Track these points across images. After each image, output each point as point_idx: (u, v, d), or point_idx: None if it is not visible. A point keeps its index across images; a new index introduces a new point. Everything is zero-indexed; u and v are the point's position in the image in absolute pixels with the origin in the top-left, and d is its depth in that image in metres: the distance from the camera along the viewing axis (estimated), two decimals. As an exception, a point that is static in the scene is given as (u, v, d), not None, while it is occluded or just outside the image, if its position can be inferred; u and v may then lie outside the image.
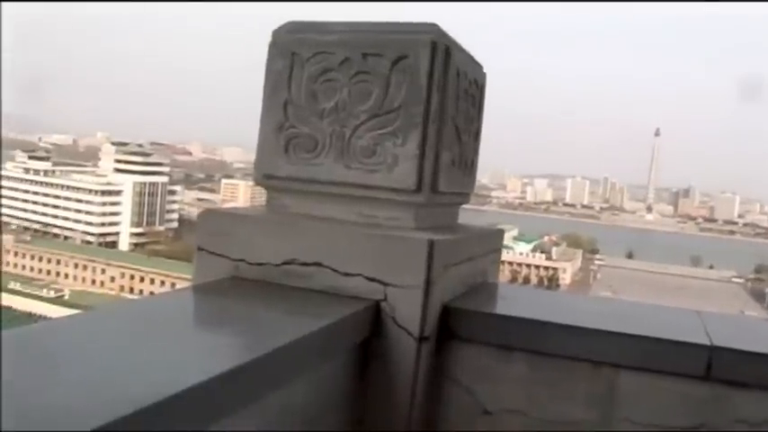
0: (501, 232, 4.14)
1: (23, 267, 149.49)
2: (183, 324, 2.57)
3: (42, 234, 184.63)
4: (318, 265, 2.97)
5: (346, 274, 2.93)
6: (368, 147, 3.12)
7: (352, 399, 2.86)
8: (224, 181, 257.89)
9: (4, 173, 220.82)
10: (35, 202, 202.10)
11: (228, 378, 1.92)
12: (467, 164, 3.58)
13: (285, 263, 3.00)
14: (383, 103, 3.11)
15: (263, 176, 3.32)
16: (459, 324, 3.06)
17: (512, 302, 3.58)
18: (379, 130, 3.11)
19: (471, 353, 3.09)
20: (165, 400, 1.67)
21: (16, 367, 1.80)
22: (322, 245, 2.98)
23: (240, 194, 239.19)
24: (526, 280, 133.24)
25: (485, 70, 3.73)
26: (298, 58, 3.23)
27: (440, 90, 3.11)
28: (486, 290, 3.61)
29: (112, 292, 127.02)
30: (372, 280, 2.89)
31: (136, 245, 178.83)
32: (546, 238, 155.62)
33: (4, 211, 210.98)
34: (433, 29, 3.13)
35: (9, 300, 21.69)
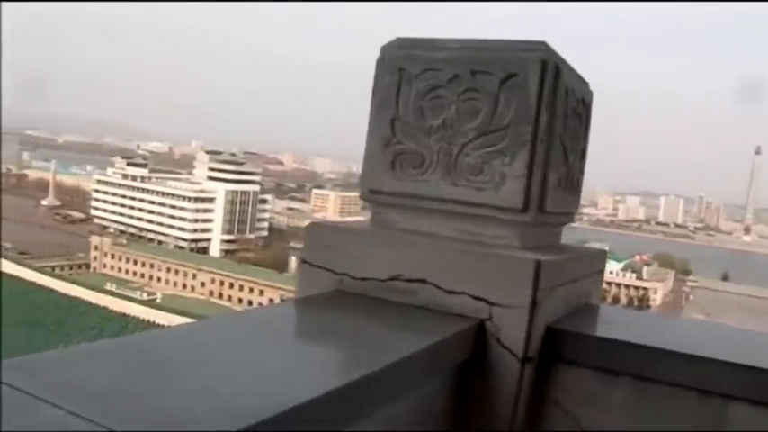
0: (603, 253, 4.07)
1: (119, 270, 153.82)
2: (291, 336, 2.61)
3: (138, 238, 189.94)
4: (423, 281, 2.97)
5: (451, 292, 2.92)
6: (475, 165, 3.12)
7: (453, 418, 2.85)
8: (314, 191, 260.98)
9: (105, 178, 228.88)
10: (132, 207, 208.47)
11: (343, 393, 1.94)
12: (572, 184, 3.54)
13: (390, 278, 3.01)
14: (491, 121, 3.09)
15: (369, 191, 3.34)
16: (563, 346, 3.02)
17: (616, 325, 3.52)
18: (486, 148, 3.10)
19: (574, 376, 3.04)
20: (283, 413, 1.70)
21: (132, 374, 1.86)
22: (427, 261, 2.98)
23: (330, 205, 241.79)
24: (615, 299, 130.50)
25: (591, 88, 3.68)
26: (406, 74, 3.25)
27: (548, 109, 3.08)
28: (589, 312, 3.55)
29: (202, 297, 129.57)
30: (477, 299, 2.88)
31: (226, 251, 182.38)
32: (637, 258, 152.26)
33: (104, 215, 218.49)
34: (542, 47, 3.11)
35: (105, 300, 22.63)
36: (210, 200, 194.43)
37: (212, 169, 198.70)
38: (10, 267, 25.97)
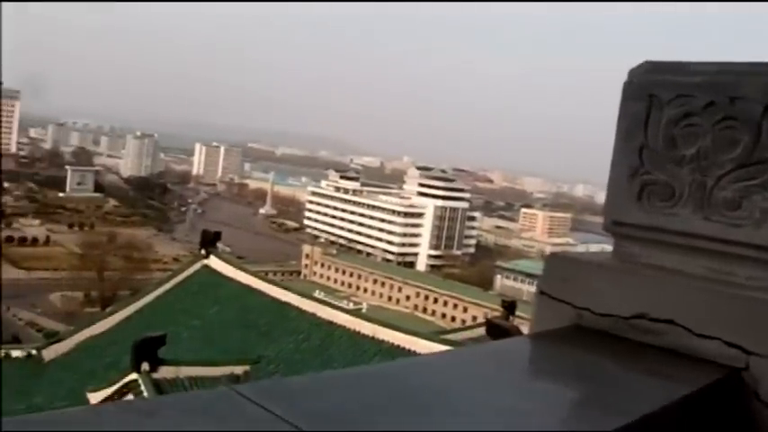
0: None
1: (328, 278, 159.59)
2: (532, 373, 2.51)
3: (347, 249, 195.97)
4: (671, 322, 2.78)
5: (702, 336, 2.71)
6: (732, 199, 2.88)
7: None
8: (523, 210, 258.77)
9: (318, 190, 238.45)
10: (343, 219, 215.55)
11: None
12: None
13: (634, 316, 2.84)
14: (753, 152, 2.84)
15: (613, 223, 3.18)
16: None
17: None
18: (746, 181, 2.86)
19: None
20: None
21: (387, 402, 1.83)
22: (676, 301, 2.79)
23: (538, 225, 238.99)
24: None
25: None
26: (656, 100, 3.06)
27: (821, 140, 2.80)
28: None
29: (406, 310, 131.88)
30: (732, 345, 2.65)
31: (432, 266, 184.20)
32: None
33: (316, 225, 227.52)
34: (810, 70, 2.84)
35: (313, 307, 23.48)
36: (419, 215, 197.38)
37: (422, 185, 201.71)
38: (228, 270, 27.47)
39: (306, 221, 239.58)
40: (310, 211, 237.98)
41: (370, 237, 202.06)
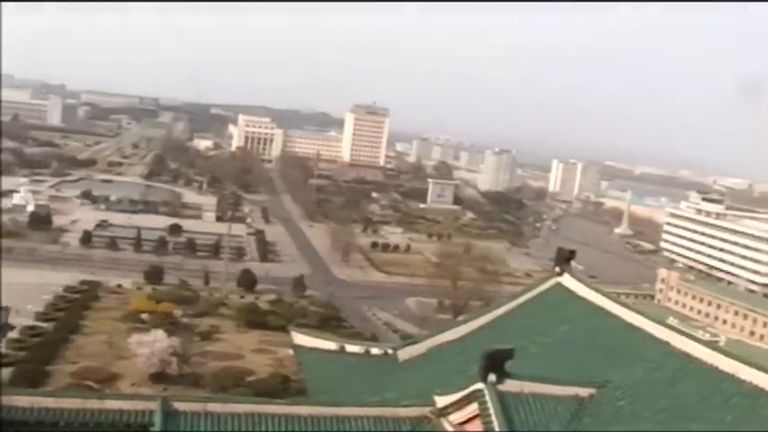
0: None
1: (683, 305, 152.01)
2: None
3: (706, 276, 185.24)
4: None
5: None
6: None
7: None
8: None
9: (677, 212, 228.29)
10: (702, 243, 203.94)
11: None
12: None
13: None
14: None
15: None
16: None
17: None
18: None
19: None
20: None
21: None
22: None
23: None
24: None
25: None
26: None
27: None
28: None
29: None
30: None
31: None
32: None
33: (674, 248, 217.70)
34: None
35: (668, 335, 22.03)
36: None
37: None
38: (581, 289, 27.07)
39: (663, 244, 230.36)
40: (668, 233, 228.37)
41: (732, 264, 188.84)
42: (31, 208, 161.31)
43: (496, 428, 17.88)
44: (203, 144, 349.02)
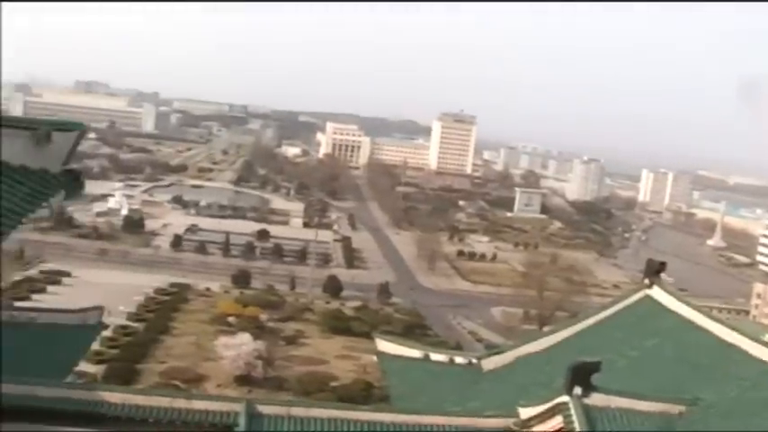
0: None
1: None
2: None
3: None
4: None
5: None
6: None
7: None
8: None
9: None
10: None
11: None
12: None
13: None
14: None
15: None
16: None
17: None
18: None
19: None
20: None
21: None
22: None
23: None
24: None
25: None
26: None
27: None
28: None
29: None
30: None
31: None
32: None
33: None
34: None
35: (763, 353, 21.12)
36: None
37: None
38: (671, 303, 26.42)
39: (758, 257, 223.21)
40: (764, 246, 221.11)
41: None
42: (125, 212, 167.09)
43: (581, 442, 17.52)
44: (291, 151, 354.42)
